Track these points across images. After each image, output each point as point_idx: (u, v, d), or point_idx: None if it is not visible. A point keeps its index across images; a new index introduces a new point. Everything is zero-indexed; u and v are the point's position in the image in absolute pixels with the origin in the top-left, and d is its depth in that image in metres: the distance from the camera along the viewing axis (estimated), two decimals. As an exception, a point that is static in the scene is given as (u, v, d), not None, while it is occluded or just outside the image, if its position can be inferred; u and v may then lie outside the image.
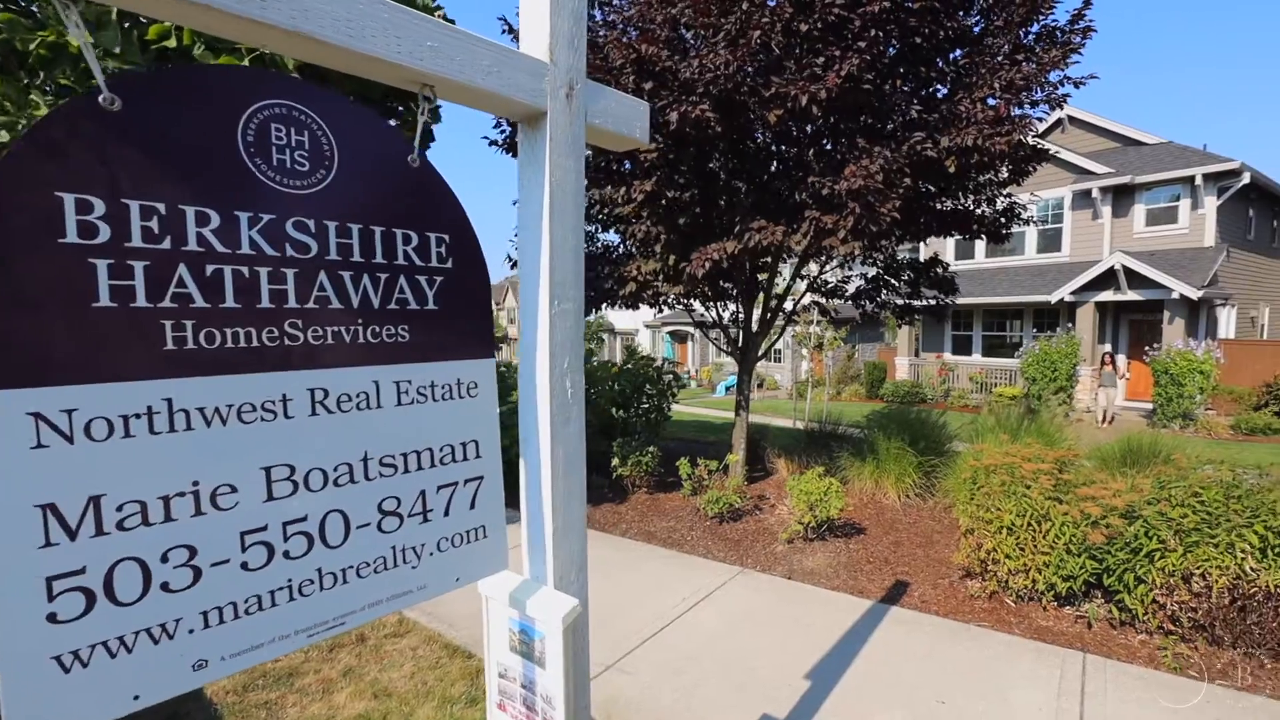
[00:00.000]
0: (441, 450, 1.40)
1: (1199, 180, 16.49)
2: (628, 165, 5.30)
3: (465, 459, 1.45)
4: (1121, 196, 17.94)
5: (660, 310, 7.21)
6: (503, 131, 6.43)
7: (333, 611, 1.22)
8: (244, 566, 1.09)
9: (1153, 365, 14.97)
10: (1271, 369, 15.34)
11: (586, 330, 32.40)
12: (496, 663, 1.75)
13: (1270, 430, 13.46)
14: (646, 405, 9.13)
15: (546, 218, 1.54)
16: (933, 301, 7.44)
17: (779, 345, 28.63)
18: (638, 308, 6.81)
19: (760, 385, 27.45)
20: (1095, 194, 18.03)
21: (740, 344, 7.22)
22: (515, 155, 6.20)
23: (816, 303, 8.07)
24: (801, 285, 7.53)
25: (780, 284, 7.23)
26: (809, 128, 5.39)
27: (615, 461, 7.16)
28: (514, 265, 7.01)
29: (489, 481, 1.51)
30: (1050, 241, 19.43)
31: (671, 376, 9.19)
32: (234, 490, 1.08)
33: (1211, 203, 16.49)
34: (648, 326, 37.43)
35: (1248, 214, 18.13)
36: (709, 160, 5.31)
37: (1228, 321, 17.39)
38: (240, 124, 1.09)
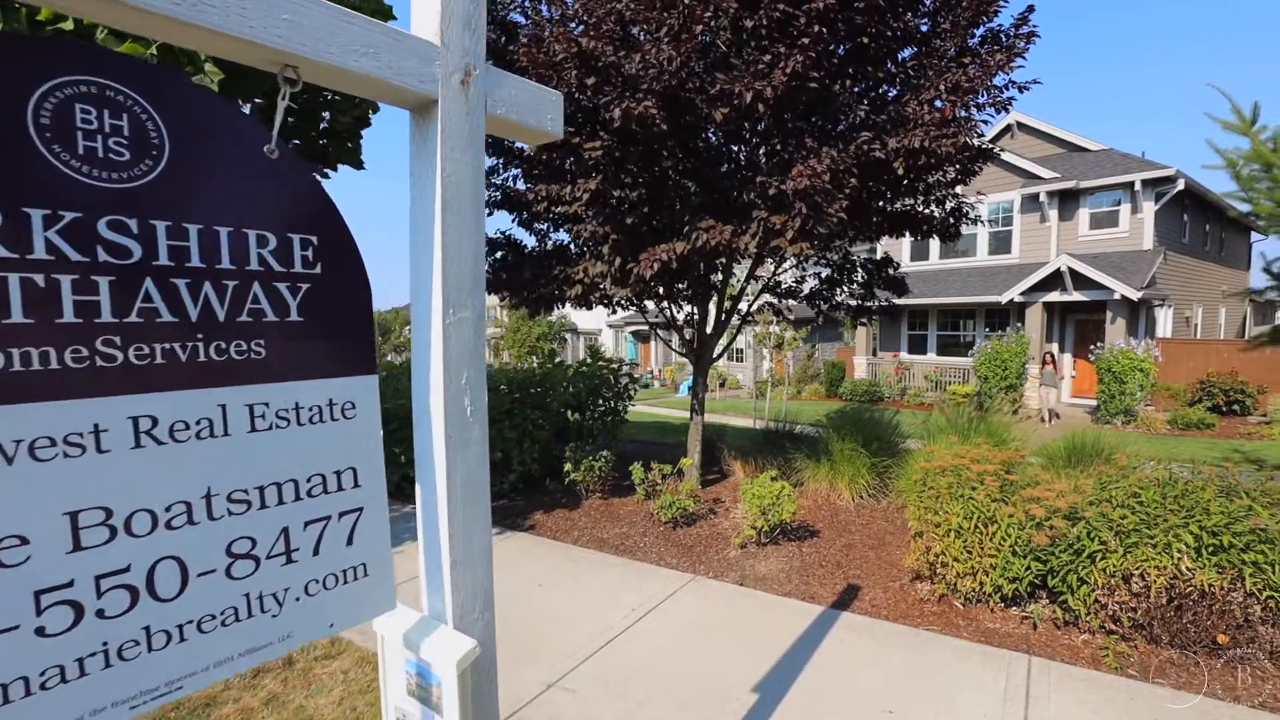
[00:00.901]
0: (310, 481, 1.23)
1: (1138, 186, 17.15)
2: (571, 162, 5.15)
3: (340, 489, 1.28)
4: (1067, 200, 18.54)
5: (613, 312, 7.07)
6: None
7: (164, 676, 1.04)
8: (39, 632, 0.92)
9: (1097, 364, 15.49)
10: (1204, 366, 16.05)
11: (549, 330, 32.07)
12: (394, 707, 1.59)
13: (1203, 425, 14.04)
14: (603, 408, 8.99)
15: (439, 217, 1.39)
16: (885, 302, 7.49)
17: (741, 345, 28.83)
18: (591, 308, 6.67)
19: (723, 385, 27.56)
20: (1043, 198, 18.59)
21: (695, 345, 7.14)
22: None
23: (770, 304, 8.05)
24: (757, 286, 7.50)
25: (734, 285, 7.17)
26: (759, 127, 5.33)
27: (568, 466, 7.00)
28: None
29: (371, 513, 1.35)
30: (1001, 244, 19.96)
31: (628, 379, 9.06)
32: (25, 542, 0.90)
33: (1150, 207, 17.16)
34: (611, 326, 37.25)
35: (1182, 218, 18.94)
36: (657, 159, 5.20)
37: (1165, 321, 18.15)
38: (31, 104, 0.91)
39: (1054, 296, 17.15)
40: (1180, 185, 16.83)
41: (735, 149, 5.38)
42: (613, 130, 4.64)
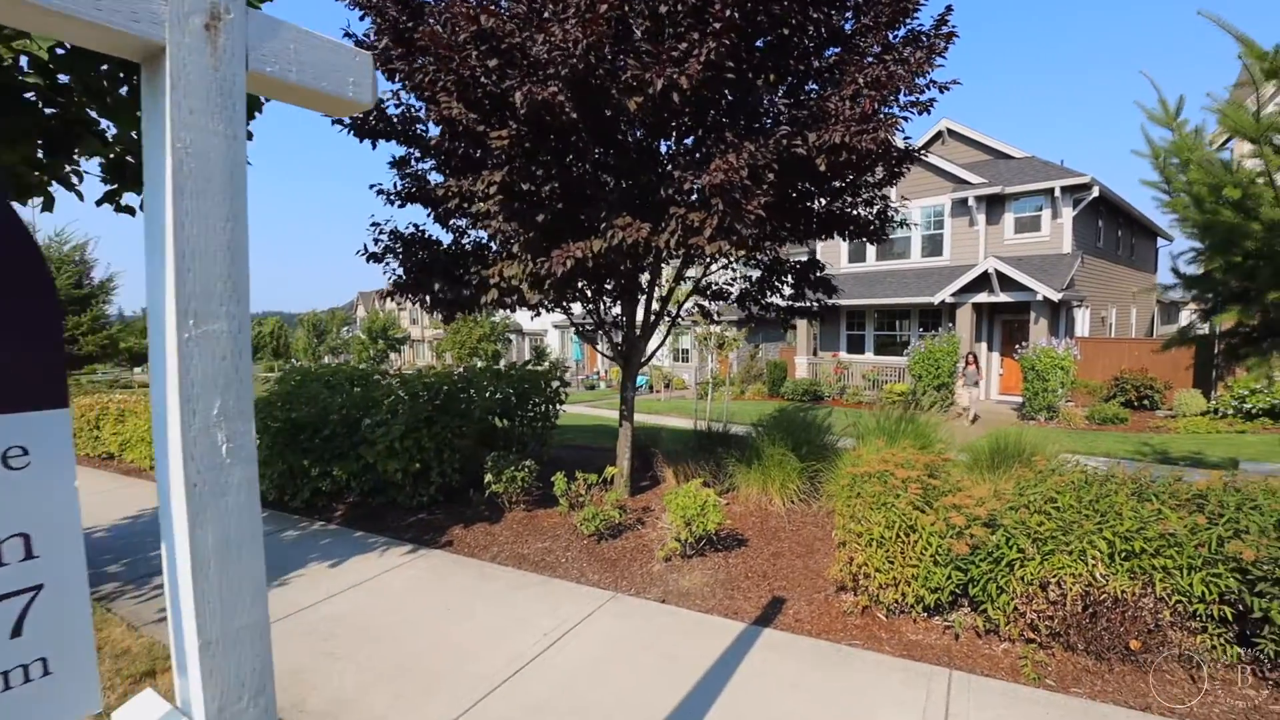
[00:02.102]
0: (-59, 558, 0.88)
1: (1058, 192, 17.93)
2: (482, 154, 4.79)
3: (3, 564, 0.94)
4: (994, 205, 19.22)
5: (537, 314, 6.73)
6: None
7: None
8: None
9: (1022, 362, 16.08)
10: (1118, 364, 16.89)
11: (492, 331, 31.34)
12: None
13: (1118, 420, 14.74)
14: (533, 413, 8.62)
15: (169, 199, 1.06)
16: (817, 303, 7.42)
17: (687, 345, 28.82)
18: (514, 311, 6.31)
19: (668, 385, 27.51)
20: (971, 203, 19.22)
21: (623, 348, 6.88)
22: (363, 138, 5.48)
23: (700, 305, 7.88)
24: (688, 286, 7.30)
25: (662, 285, 6.95)
26: (684, 119, 5.10)
27: (488, 478, 6.62)
28: (370, 258, 6.32)
29: (56, 592, 1.00)
30: (934, 246, 20.55)
31: (560, 382, 8.72)
32: None
33: (1068, 213, 17.96)
34: (556, 327, 36.66)
35: (1097, 224, 19.93)
36: (572, 151, 4.90)
37: (1083, 321, 19.04)
38: None
39: (983, 298, 17.74)
40: (1095, 192, 17.68)
41: (653, 142, 5.14)
42: (521, 118, 4.32)
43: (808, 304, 7.37)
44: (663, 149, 5.37)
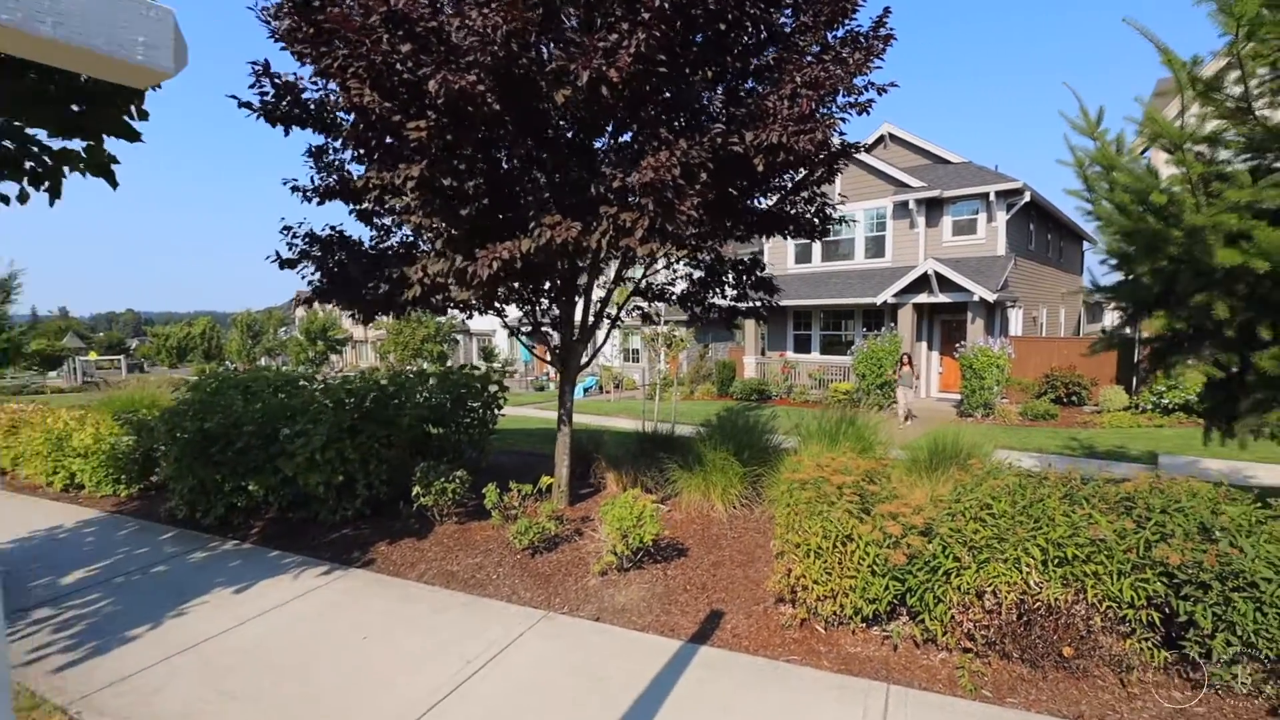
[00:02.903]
0: None
1: (993, 197, 18.54)
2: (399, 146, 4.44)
3: None
4: (933, 208, 19.75)
5: (470, 316, 6.40)
6: (262, 92, 5.26)
7: None
8: None
9: (960, 361, 16.54)
10: (1048, 362, 17.59)
11: (436, 332, 30.38)
12: None
13: (1048, 416, 15.33)
14: (470, 419, 8.26)
15: None
16: (760, 304, 7.32)
17: (637, 345, 28.65)
18: (443, 312, 5.96)
19: (618, 386, 27.28)
20: (912, 205, 19.70)
21: (561, 351, 6.61)
22: (274, 124, 5.03)
23: (639, 307, 7.68)
24: (629, 287, 7.09)
25: (602, 287, 6.72)
26: (619, 114, 4.88)
27: (416, 489, 6.24)
28: (284, 264, 5.85)
29: None
30: (876, 248, 20.99)
31: (498, 385, 8.38)
32: None
33: (1002, 217, 18.60)
34: (506, 327, 35.96)
35: (1029, 227, 20.74)
36: (498, 145, 4.62)
37: (1016, 321, 19.77)
38: None
39: (923, 298, 18.19)
40: (1027, 197, 18.36)
41: (590, 140, 4.91)
42: (440, 109, 4.02)
43: (750, 304, 7.27)
44: (599, 146, 5.13)
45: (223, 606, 4.87)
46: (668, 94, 4.68)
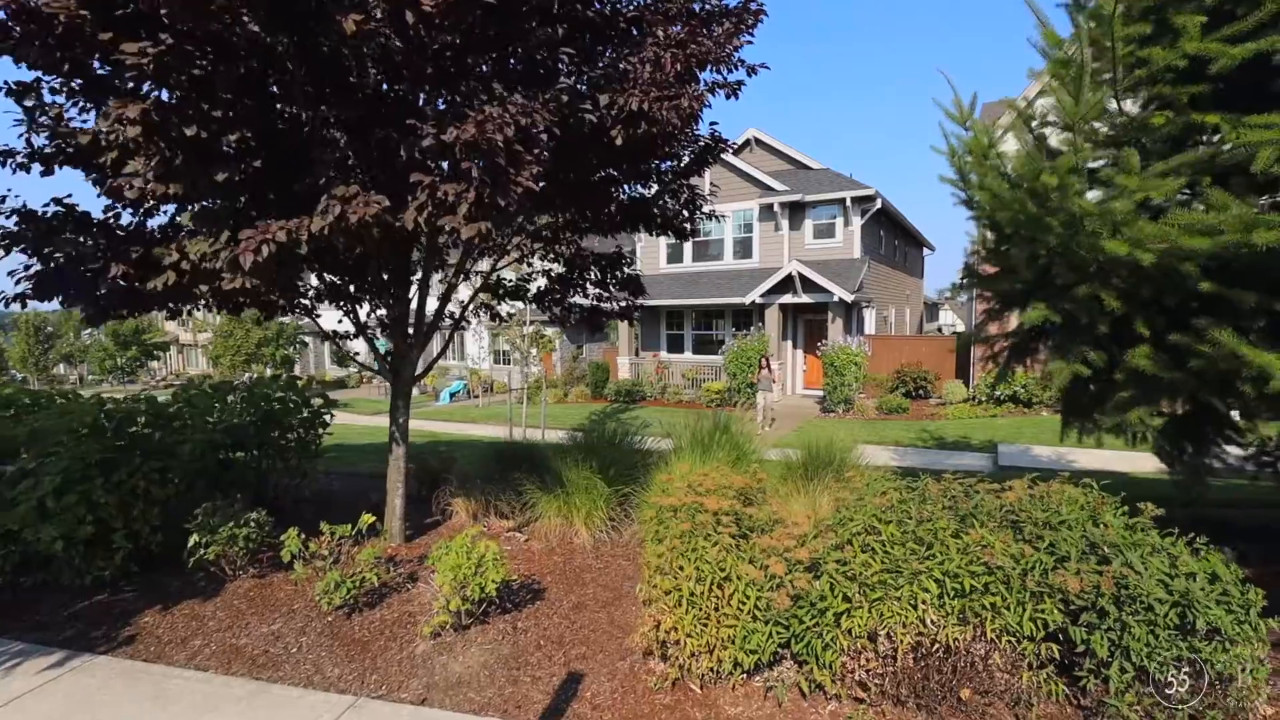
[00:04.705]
0: None
1: (849, 202, 19.44)
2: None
3: None
4: (796, 212, 20.39)
5: (269, 316, 5.12)
6: None
7: None
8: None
9: (823, 359, 17.10)
10: (899, 358, 18.73)
11: (278, 333, 26.96)
12: None
13: (901, 409, 16.25)
14: (287, 441, 6.85)
15: None
16: (623, 304, 6.66)
17: (506, 347, 27.22)
18: (212, 310, 4.66)
19: (489, 390, 25.74)
20: (776, 209, 20.20)
21: (392, 358, 5.51)
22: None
23: (488, 306, 6.74)
24: (478, 281, 6.12)
25: (442, 281, 5.70)
26: (444, 62, 3.93)
27: (194, 539, 4.86)
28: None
29: None
30: (745, 250, 21.35)
31: (322, 400, 7.04)
32: None
33: (857, 222, 19.56)
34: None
35: (879, 233, 22.08)
36: (278, 91, 3.52)
37: (870, 320, 20.95)
38: None
39: (788, 299, 18.66)
40: (879, 204, 19.44)
41: (411, 96, 3.94)
42: (177, 30, 2.88)
43: (614, 305, 6.57)
44: (403, 94, 4.12)
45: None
46: (507, 46, 3.83)
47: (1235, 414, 4.54)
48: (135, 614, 4.75)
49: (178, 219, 4.36)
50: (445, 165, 3.33)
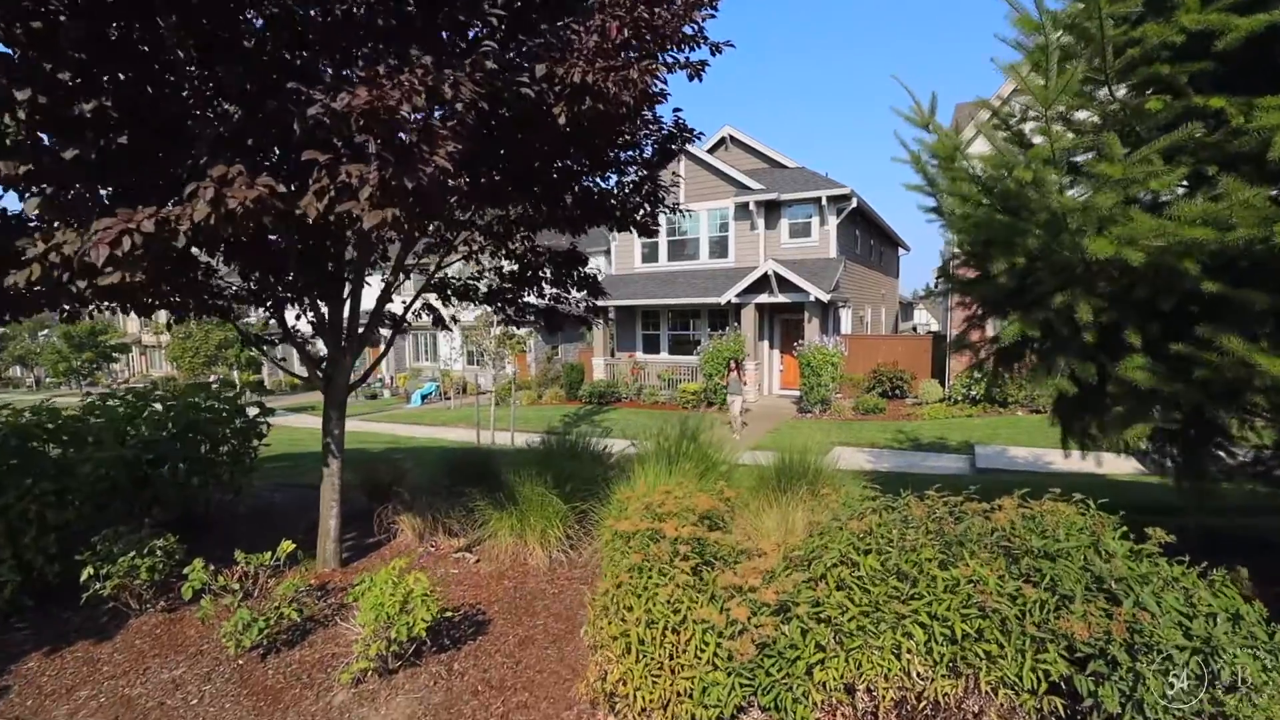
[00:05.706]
0: None
1: (825, 202, 19.18)
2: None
3: None
4: (772, 211, 20.08)
5: (182, 319, 4.56)
6: None
7: None
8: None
9: (799, 359, 16.81)
10: (875, 358, 18.53)
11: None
12: None
13: (877, 410, 16.03)
14: (221, 452, 6.26)
15: None
16: (582, 305, 6.19)
17: (483, 345, 26.51)
18: (126, 312, 4.10)
19: (463, 391, 25.05)
20: (752, 207, 19.87)
21: (326, 365, 4.98)
22: None
23: (431, 306, 6.22)
24: (422, 280, 5.62)
25: (379, 282, 5.19)
26: (352, 21, 3.42)
27: (88, 571, 4.28)
28: None
29: None
30: (720, 249, 20.99)
31: (259, 408, 6.46)
32: None
33: (833, 221, 19.31)
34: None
35: (855, 232, 21.89)
36: (151, 50, 3.00)
37: (846, 320, 20.74)
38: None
39: (764, 298, 18.34)
40: (854, 203, 19.21)
41: (296, 54, 3.40)
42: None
43: (571, 308, 6.10)
44: (301, 60, 3.59)
45: None
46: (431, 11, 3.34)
47: (1231, 422, 4.24)
48: (19, 657, 4.17)
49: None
50: (354, 143, 2.84)
